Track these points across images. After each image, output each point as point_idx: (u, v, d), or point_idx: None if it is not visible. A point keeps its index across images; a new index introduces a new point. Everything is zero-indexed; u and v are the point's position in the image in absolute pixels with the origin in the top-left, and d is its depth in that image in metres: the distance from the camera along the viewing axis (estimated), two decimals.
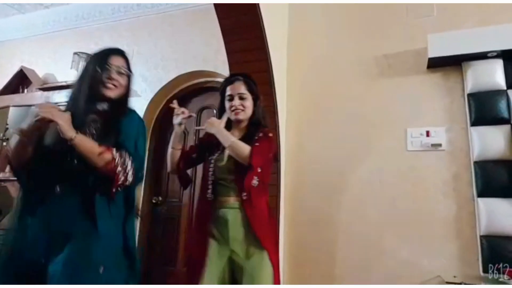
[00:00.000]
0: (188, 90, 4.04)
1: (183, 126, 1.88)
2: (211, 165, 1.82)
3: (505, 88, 2.66)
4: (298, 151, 3.13)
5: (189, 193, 3.79)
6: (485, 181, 2.55)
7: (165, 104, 4.05)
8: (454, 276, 2.45)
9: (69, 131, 1.36)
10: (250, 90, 1.89)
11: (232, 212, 1.73)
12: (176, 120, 1.86)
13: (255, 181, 1.69)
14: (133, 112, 1.62)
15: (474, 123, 2.68)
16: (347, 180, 2.93)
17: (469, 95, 2.73)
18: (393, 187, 2.79)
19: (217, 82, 3.84)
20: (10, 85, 4.54)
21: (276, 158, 1.97)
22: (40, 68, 4.59)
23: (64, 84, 4.24)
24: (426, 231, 2.64)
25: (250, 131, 1.87)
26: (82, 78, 1.56)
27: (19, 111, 4.40)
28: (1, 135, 4.29)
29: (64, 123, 1.36)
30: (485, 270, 2.40)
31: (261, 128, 1.88)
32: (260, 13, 2.59)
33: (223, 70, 3.29)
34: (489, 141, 2.60)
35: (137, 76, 4.05)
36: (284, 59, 3.31)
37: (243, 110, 1.86)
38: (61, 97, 4.17)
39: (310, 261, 2.90)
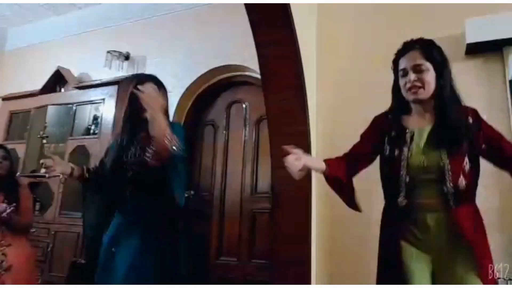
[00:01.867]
0: (217, 85, 4.06)
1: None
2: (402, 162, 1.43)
3: None
4: (330, 146, 3.08)
5: (220, 187, 3.82)
6: None
7: (195, 99, 4.09)
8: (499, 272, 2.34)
9: None
10: (430, 58, 1.43)
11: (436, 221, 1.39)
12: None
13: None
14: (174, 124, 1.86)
15: None
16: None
17: (511, 81, 2.59)
18: None
19: (246, 76, 3.84)
20: (48, 85, 4.72)
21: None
22: (75, 68, 4.74)
23: (98, 82, 4.37)
24: None
25: (443, 113, 1.43)
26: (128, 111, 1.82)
27: (57, 110, 4.59)
28: (41, 133, 4.48)
29: None
30: None
31: (461, 107, 1.46)
32: (290, 9, 2.55)
33: (252, 64, 3.27)
34: None
35: (166, 73, 4.13)
36: (313, 51, 3.25)
37: (421, 87, 1.42)
38: (96, 94, 4.31)
39: (343, 257, 2.87)
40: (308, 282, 2.72)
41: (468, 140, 1.40)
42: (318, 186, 3.00)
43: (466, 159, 1.39)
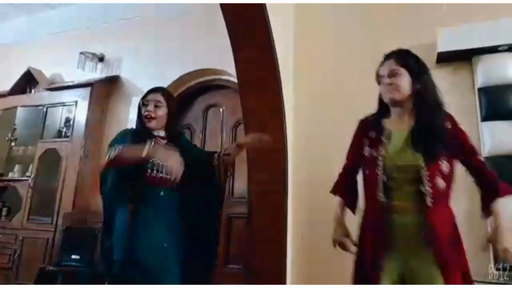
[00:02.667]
0: (194, 89, 4.03)
1: None
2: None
3: None
4: (306, 150, 3.11)
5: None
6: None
7: None
8: None
9: None
10: (404, 65, 1.53)
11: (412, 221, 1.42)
12: None
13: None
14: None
15: (484, 118, 2.63)
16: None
17: (480, 89, 2.69)
18: None
19: (223, 80, 3.83)
20: (18, 86, 4.57)
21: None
22: (47, 69, 4.61)
23: (71, 83, 4.26)
24: None
25: (421, 116, 1.49)
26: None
27: (26, 111, 4.44)
28: (10, 135, 4.32)
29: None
30: (497, 268, 2.37)
31: (440, 112, 1.52)
32: (267, 11, 2.56)
33: (229, 68, 3.27)
34: (501, 136, 2.56)
35: (143, 75, 4.08)
36: (290, 57, 3.28)
37: (396, 89, 1.50)
38: (69, 96, 4.20)
39: (318, 261, 2.88)
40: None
41: (445, 144, 1.44)
42: (294, 190, 3.02)
43: (444, 162, 1.43)
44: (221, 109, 3.92)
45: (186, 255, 1.77)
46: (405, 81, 1.51)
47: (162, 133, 1.87)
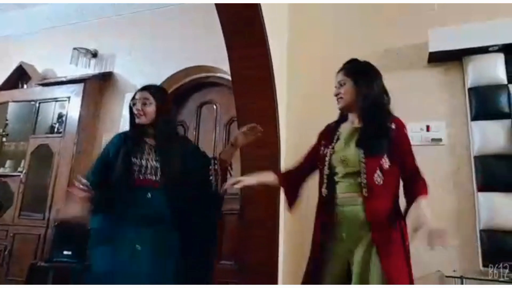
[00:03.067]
0: (188, 86, 4.03)
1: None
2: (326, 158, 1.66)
3: (506, 82, 2.66)
4: (299, 149, 3.12)
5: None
6: (486, 175, 2.56)
7: None
8: (454, 270, 2.46)
9: None
10: (348, 74, 1.70)
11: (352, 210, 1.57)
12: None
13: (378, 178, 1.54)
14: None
15: (474, 118, 2.67)
16: None
17: (470, 89, 2.73)
18: None
19: (217, 77, 3.83)
20: (9, 81, 4.53)
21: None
22: (39, 64, 4.57)
23: (63, 79, 4.23)
24: None
25: (366, 117, 1.64)
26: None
27: (18, 107, 4.40)
28: (1, 130, 4.28)
29: None
30: (485, 265, 2.41)
31: (383, 113, 1.65)
32: (261, 10, 2.57)
33: (224, 65, 3.27)
34: (490, 136, 2.60)
35: (136, 72, 4.07)
36: (284, 56, 3.29)
37: (341, 97, 1.69)
38: (61, 92, 4.18)
39: None
40: (275, 283, 2.75)
41: (387, 143, 1.58)
42: None
43: (386, 159, 1.56)
44: (215, 106, 3.92)
45: (183, 255, 1.79)
46: (348, 89, 1.67)
47: (151, 132, 1.89)
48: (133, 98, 1.90)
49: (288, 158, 3.10)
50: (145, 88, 1.93)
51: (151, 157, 1.83)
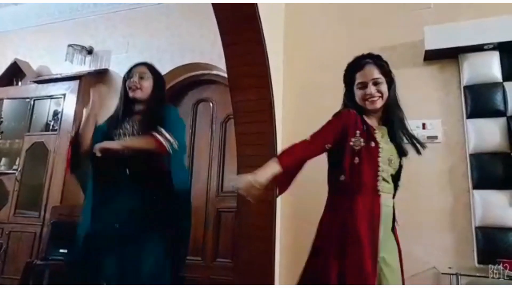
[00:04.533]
0: (184, 83, 4.01)
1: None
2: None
3: (501, 80, 2.67)
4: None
5: None
6: (481, 173, 2.57)
7: None
8: (450, 267, 2.47)
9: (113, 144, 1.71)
10: (384, 73, 1.64)
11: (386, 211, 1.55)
12: None
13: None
14: (170, 107, 1.92)
15: (470, 116, 2.68)
16: None
17: (465, 87, 2.74)
18: None
19: (213, 74, 3.82)
20: (4, 78, 4.49)
21: None
22: (34, 61, 4.53)
23: (58, 76, 4.20)
24: (422, 223, 2.66)
25: (388, 117, 1.64)
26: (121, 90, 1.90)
27: (13, 104, 4.37)
28: None
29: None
30: (480, 261, 2.43)
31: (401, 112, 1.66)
32: (257, 7, 2.56)
33: (220, 62, 3.27)
34: (485, 134, 2.61)
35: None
36: (280, 52, 3.29)
37: (380, 97, 1.61)
38: (57, 89, 4.15)
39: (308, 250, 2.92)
40: (271, 281, 2.76)
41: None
42: None
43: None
44: (211, 104, 3.91)
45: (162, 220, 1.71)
46: (385, 89, 1.62)
47: (141, 108, 1.83)
48: (129, 72, 1.87)
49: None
50: (142, 64, 1.90)
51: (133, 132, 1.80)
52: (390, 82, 1.65)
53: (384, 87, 1.61)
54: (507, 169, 2.51)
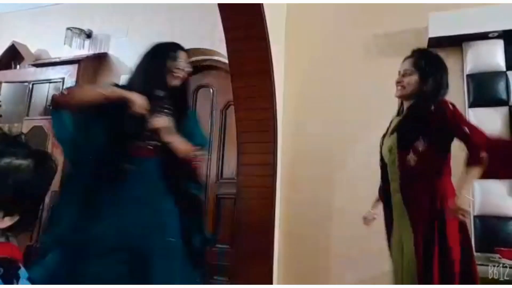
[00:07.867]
0: None
1: None
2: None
3: (504, 69, 2.65)
4: (296, 132, 3.12)
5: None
6: None
7: None
8: None
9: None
10: (417, 66, 1.76)
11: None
12: None
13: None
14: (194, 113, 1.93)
15: (472, 105, 2.67)
16: (345, 161, 2.93)
17: (468, 76, 2.71)
18: None
19: (215, 60, 3.78)
20: (2, 61, 4.44)
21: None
22: (32, 44, 4.48)
23: (57, 60, 4.16)
24: None
25: (416, 106, 1.76)
26: (147, 63, 1.78)
27: (11, 88, 4.33)
28: None
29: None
30: (478, 250, 2.44)
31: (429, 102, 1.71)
32: None
33: (221, 48, 3.23)
34: (487, 123, 2.59)
35: (132, 54, 3.98)
36: (282, 39, 3.25)
37: (403, 87, 1.77)
38: (55, 73, 4.11)
39: (307, 237, 2.94)
40: (270, 266, 2.78)
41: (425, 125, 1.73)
42: (283, 174, 3.04)
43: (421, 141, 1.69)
44: (211, 90, 3.88)
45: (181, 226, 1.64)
46: (411, 82, 1.74)
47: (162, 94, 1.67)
48: (173, 56, 1.75)
49: (285, 141, 3.09)
50: (184, 50, 1.83)
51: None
52: (424, 77, 1.75)
53: (408, 79, 1.77)
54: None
